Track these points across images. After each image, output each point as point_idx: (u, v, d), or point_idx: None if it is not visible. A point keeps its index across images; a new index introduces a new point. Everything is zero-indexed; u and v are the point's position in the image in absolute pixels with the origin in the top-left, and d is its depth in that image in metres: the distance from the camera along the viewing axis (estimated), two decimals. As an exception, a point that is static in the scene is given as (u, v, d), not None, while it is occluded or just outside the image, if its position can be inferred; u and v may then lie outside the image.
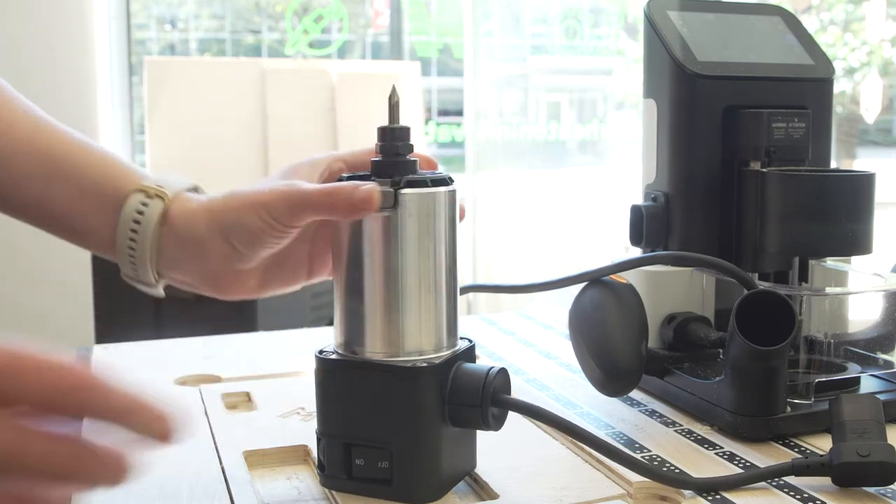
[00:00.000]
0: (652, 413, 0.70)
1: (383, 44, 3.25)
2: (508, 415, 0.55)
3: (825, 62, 0.78)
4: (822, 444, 0.63)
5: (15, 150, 0.57)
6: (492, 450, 0.59)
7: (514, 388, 0.56)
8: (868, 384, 0.69)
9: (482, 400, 0.53)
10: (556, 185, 2.89)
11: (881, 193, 0.68)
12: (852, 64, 2.79)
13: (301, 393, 0.73)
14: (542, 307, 1.08)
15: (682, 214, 0.75)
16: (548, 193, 2.85)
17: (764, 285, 0.68)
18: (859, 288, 0.74)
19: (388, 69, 2.87)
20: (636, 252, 0.77)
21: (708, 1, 0.80)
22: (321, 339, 0.58)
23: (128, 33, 2.56)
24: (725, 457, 0.61)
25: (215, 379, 0.80)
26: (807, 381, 0.66)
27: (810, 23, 2.78)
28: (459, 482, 0.57)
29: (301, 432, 0.65)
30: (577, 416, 0.69)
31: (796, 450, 0.62)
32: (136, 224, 0.57)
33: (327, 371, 0.54)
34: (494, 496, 0.55)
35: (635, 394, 0.74)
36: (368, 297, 0.54)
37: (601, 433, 0.65)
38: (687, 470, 0.59)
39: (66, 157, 0.58)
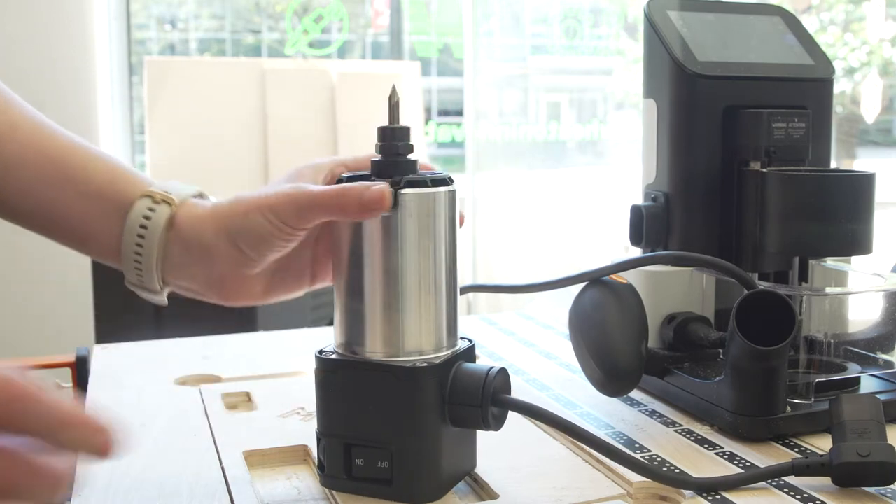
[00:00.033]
0: (652, 413, 0.70)
1: (383, 44, 3.25)
2: (508, 415, 0.55)
3: (825, 62, 0.78)
4: (822, 444, 0.63)
5: (19, 156, 0.57)
6: (492, 450, 0.59)
7: (514, 388, 0.56)
8: (868, 384, 0.69)
9: (482, 400, 0.53)
10: (556, 185, 2.89)
11: (881, 193, 0.68)
12: (852, 64, 2.79)
13: (301, 393, 0.73)
14: (542, 307, 1.08)
15: (682, 214, 0.75)
16: (548, 193, 2.84)
17: (764, 285, 0.68)
18: (859, 288, 0.74)
19: (388, 69, 2.87)
20: (636, 252, 0.77)
21: (708, 1, 0.80)
22: (321, 339, 0.58)
23: (128, 33, 2.56)
24: (725, 457, 0.61)
25: (215, 379, 0.80)
26: (807, 381, 0.66)
27: (810, 23, 2.78)
28: (459, 482, 0.57)
29: (301, 432, 0.65)
30: (577, 416, 0.70)
31: (796, 450, 0.62)
32: (142, 229, 0.56)
33: (327, 371, 0.54)
34: (494, 496, 0.55)
35: (635, 394, 0.74)
36: (368, 297, 0.54)
37: (601, 433, 0.65)
38: (687, 470, 0.59)
39: (70, 162, 0.57)
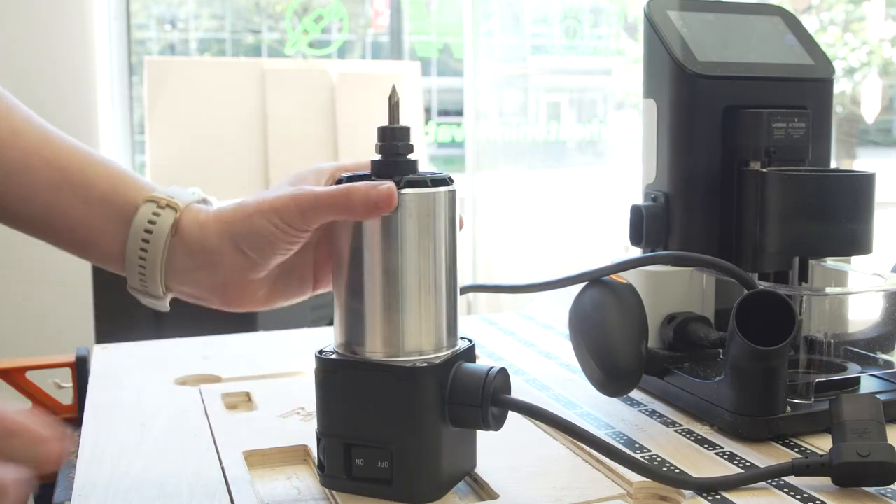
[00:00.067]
0: (652, 413, 0.70)
1: (383, 44, 3.26)
2: (508, 415, 0.55)
3: (825, 62, 0.78)
4: (822, 444, 0.63)
5: (21, 162, 0.56)
6: (492, 450, 0.59)
7: (514, 388, 0.56)
8: (868, 384, 0.69)
9: (482, 400, 0.53)
10: (556, 185, 2.89)
11: (881, 193, 0.68)
12: (852, 64, 2.79)
13: (301, 393, 0.73)
14: (542, 307, 1.08)
15: (682, 214, 0.75)
16: (548, 193, 2.84)
17: (764, 285, 0.68)
18: (859, 288, 0.74)
19: (388, 69, 2.87)
20: (636, 252, 0.77)
21: (708, 1, 0.80)
22: (321, 339, 0.58)
23: (128, 33, 2.56)
24: (725, 457, 0.61)
25: (215, 379, 0.80)
26: (807, 381, 0.66)
27: (810, 23, 2.78)
28: (459, 482, 0.57)
29: (301, 432, 0.65)
30: (577, 416, 0.70)
31: (796, 450, 0.62)
32: (147, 234, 0.56)
33: (327, 371, 0.54)
34: (494, 496, 0.55)
35: (635, 394, 0.74)
36: (368, 297, 0.54)
37: (601, 433, 0.65)
38: (687, 470, 0.59)
39: (72, 167, 0.57)
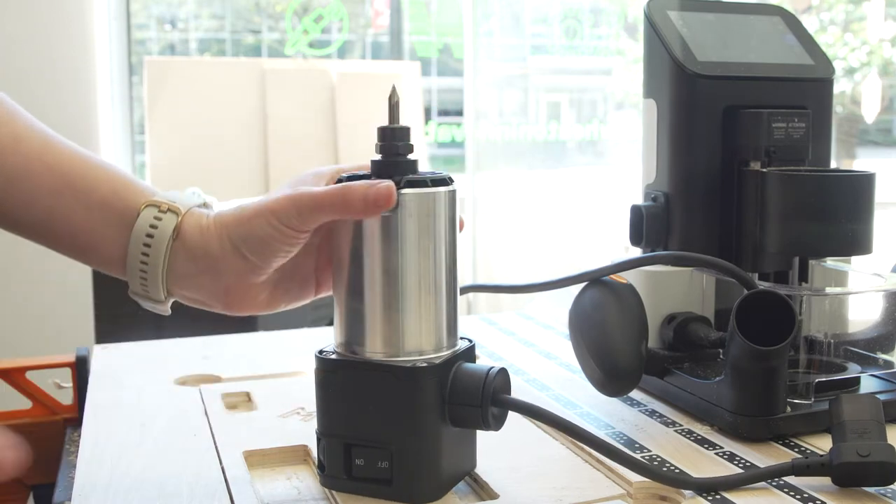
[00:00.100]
0: (652, 413, 0.70)
1: (383, 44, 3.26)
2: (508, 415, 0.55)
3: (825, 62, 0.78)
4: (822, 444, 0.63)
5: (23, 168, 0.56)
6: (492, 450, 0.59)
7: (514, 388, 0.56)
8: (868, 384, 0.69)
9: (482, 400, 0.53)
10: (556, 185, 2.89)
11: (881, 193, 0.68)
12: (852, 64, 2.79)
13: (301, 393, 0.73)
14: (542, 307, 1.08)
15: (682, 214, 0.75)
16: (548, 193, 2.84)
17: (764, 285, 0.68)
18: (859, 288, 0.74)
19: (388, 69, 2.87)
20: (636, 252, 0.77)
21: (708, 1, 0.80)
22: (321, 339, 0.58)
23: (128, 33, 2.56)
24: (725, 457, 0.61)
25: (215, 379, 0.80)
26: (807, 381, 0.66)
27: (810, 23, 2.78)
28: (459, 482, 0.57)
29: (301, 432, 0.65)
30: (577, 416, 0.70)
31: (796, 450, 0.62)
32: (149, 238, 0.56)
33: (327, 371, 0.54)
34: (494, 496, 0.55)
35: (635, 394, 0.74)
36: (368, 297, 0.54)
37: (601, 433, 0.65)
38: (687, 470, 0.59)
39: (73, 172, 0.57)
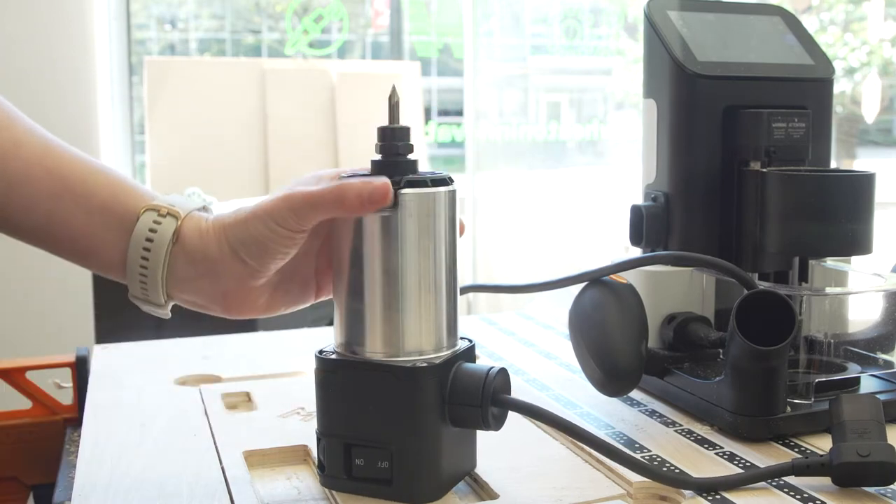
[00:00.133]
0: (652, 413, 0.70)
1: (383, 44, 3.26)
2: (508, 415, 0.55)
3: (825, 62, 0.78)
4: (822, 444, 0.63)
5: (23, 173, 0.56)
6: (492, 450, 0.59)
7: (514, 388, 0.56)
8: (868, 384, 0.69)
9: (482, 400, 0.53)
10: (556, 185, 2.89)
11: (881, 193, 0.68)
12: (852, 64, 2.79)
13: (301, 393, 0.73)
14: (542, 307, 1.08)
15: (682, 214, 0.75)
16: (548, 193, 2.84)
17: (764, 285, 0.68)
18: (859, 288, 0.74)
19: (388, 69, 2.88)
20: (636, 252, 0.77)
21: (708, 1, 0.80)
22: (321, 339, 0.58)
23: (128, 33, 2.56)
24: (725, 457, 0.61)
25: (215, 379, 0.80)
26: (807, 381, 0.66)
27: (810, 23, 2.78)
28: (459, 482, 0.57)
29: (301, 432, 0.65)
30: (577, 416, 0.70)
31: (796, 450, 0.62)
32: (148, 242, 0.56)
33: (327, 371, 0.54)
34: (494, 496, 0.55)
35: (635, 394, 0.74)
36: (368, 297, 0.54)
37: (601, 433, 0.65)
38: (687, 470, 0.59)
39: (72, 177, 0.57)
